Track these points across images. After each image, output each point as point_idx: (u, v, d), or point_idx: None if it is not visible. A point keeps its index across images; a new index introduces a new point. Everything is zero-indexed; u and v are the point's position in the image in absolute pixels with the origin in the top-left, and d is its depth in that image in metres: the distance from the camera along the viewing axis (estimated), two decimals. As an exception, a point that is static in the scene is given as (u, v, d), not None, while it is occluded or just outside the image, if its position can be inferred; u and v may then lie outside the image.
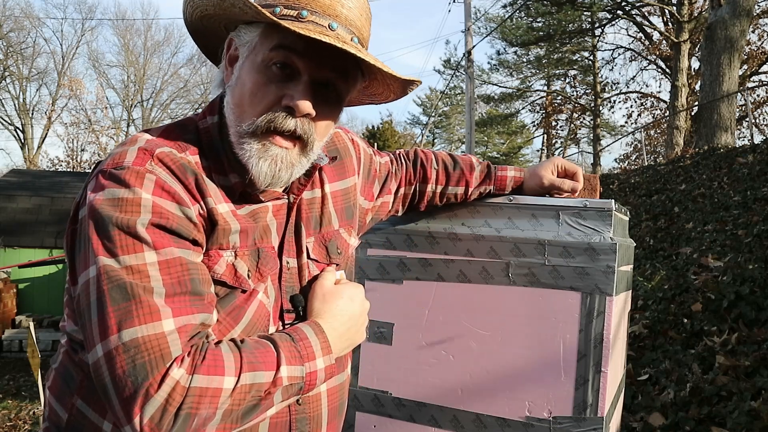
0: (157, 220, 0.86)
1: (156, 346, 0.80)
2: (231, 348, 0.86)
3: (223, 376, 0.82)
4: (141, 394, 0.78)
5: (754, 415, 2.81)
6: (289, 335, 0.93)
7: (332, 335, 0.98)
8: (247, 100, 0.95)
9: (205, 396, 0.80)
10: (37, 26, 31.10)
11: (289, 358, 0.89)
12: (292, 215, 1.06)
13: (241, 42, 0.98)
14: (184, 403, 0.79)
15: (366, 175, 1.29)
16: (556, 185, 1.47)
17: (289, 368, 0.89)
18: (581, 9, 21.16)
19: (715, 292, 4.21)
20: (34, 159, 29.35)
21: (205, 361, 0.82)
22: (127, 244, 0.84)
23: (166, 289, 0.84)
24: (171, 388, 0.79)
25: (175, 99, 32.20)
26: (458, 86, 29.08)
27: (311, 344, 0.93)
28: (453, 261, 1.46)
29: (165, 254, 0.86)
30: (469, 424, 1.42)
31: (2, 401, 7.10)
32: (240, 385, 0.83)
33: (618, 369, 1.58)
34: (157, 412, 0.78)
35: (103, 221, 0.85)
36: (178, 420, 0.79)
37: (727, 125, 11.97)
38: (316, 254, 1.10)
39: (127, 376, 0.79)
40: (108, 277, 0.83)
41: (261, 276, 1.00)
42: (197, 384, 0.80)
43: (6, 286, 10.88)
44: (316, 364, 0.93)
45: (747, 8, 11.87)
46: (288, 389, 0.89)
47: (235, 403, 0.83)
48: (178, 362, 0.81)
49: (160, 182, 0.89)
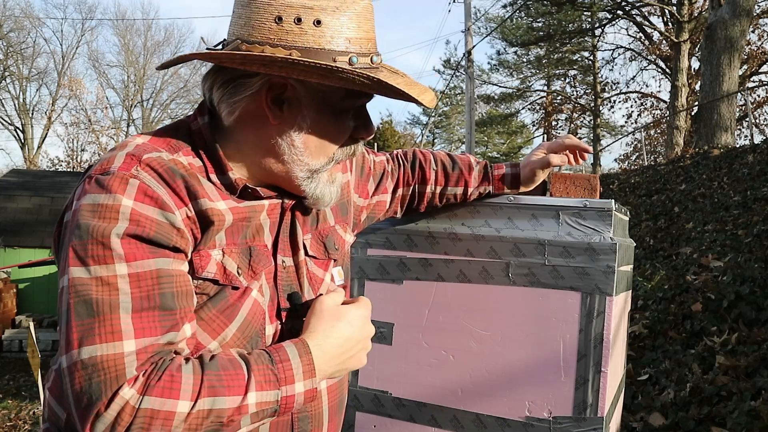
0: (133, 230, 0.85)
1: (112, 366, 0.80)
2: (194, 369, 0.84)
3: (177, 399, 0.80)
4: (93, 412, 0.79)
5: (754, 415, 2.81)
6: (269, 355, 0.90)
7: (320, 357, 0.94)
8: (328, 143, 1.01)
9: (157, 418, 0.79)
10: (37, 26, 31.16)
11: (261, 383, 0.86)
12: (286, 215, 1.07)
13: (308, 89, 0.97)
14: (134, 424, 0.79)
15: (359, 173, 1.30)
16: (544, 162, 1.45)
17: (259, 394, 0.85)
18: (581, 9, 21.18)
19: (715, 292, 4.21)
20: (34, 159, 29.36)
21: (159, 382, 0.81)
22: (99, 254, 0.84)
23: (133, 304, 0.83)
24: (120, 407, 0.79)
25: (175, 99, 32.21)
26: (458, 86, 29.09)
27: (291, 367, 0.90)
28: (453, 261, 1.46)
29: (137, 267, 0.85)
30: (469, 424, 1.42)
31: (2, 401, 7.11)
32: (196, 411, 0.81)
33: (618, 369, 1.58)
34: (106, 430, 0.79)
35: (80, 228, 0.85)
36: None
37: (727, 125, 11.97)
38: (314, 251, 1.10)
39: (84, 392, 0.80)
40: (75, 290, 0.83)
41: (254, 274, 1.00)
42: (148, 405, 0.79)
43: (6, 286, 10.89)
44: (294, 388, 0.89)
45: (747, 8, 11.87)
46: (257, 415, 0.86)
47: (191, 428, 0.81)
48: (130, 382, 0.80)
49: (143, 187, 0.88)
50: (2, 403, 7.01)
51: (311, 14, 0.92)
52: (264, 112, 0.97)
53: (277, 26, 0.92)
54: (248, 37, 0.93)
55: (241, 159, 1.01)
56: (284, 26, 0.92)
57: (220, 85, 0.98)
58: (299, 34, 0.92)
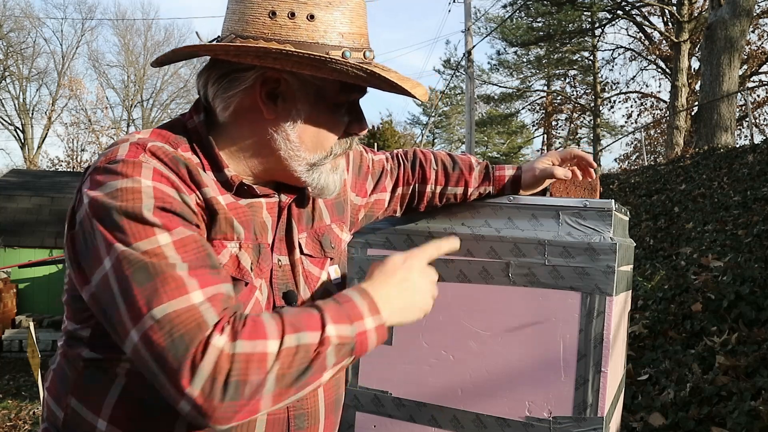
0: (161, 204, 0.87)
1: (190, 317, 0.80)
2: (271, 315, 0.86)
3: (266, 339, 0.81)
4: (186, 367, 0.78)
5: (754, 415, 2.81)
6: (333, 299, 0.92)
7: (380, 296, 0.94)
8: (323, 137, 1.02)
9: (252, 361, 0.79)
10: (37, 26, 31.12)
11: (335, 318, 0.87)
12: (283, 214, 1.07)
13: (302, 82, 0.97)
14: (232, 370, 0.78)
15: (356, 171, 1.30)
16: (548, 173, 1.46)
17: (336, 327, 0.86)
18: (581, 9, 21.18)
19: (715, 292, 4.21)
20: (34, 159, 29.36)
21: (245, 327, 0.82)
22: (138, 230, 0.84)
23: (187, 264, 0.84)
24: (216, 356, 0.78)
25: (175, 99, 32.20)
26: (458, 86, 29.10)
27: (356, 305, 0.91)
28: (453, 261, 1.46)
29: (177, 234, 0.86)
30: (469, 424, 1.42)
31: (2, 401, 7.11)
32: (285, 348, 0.82)
33: (618, 369, 1.58)
34: (207, 382, 0.78)
35: (108, 214, 0.85)
36: (228, 388, 0.78)
37: (727, 125, 11.97)
38: (310, 249, 1.11)
39: (168, 350, 0.79)
40: (128, 262, 0.83)
41: (261, 271, 1.01)
42: (242, 350, 0.79)
43: (6, 286, 10.89)
44: (365, 324, 0.90)
45: (747, 8, 11.87)
46: (339, 349, 0.87)
47: (284, 366, 0.82)
48: (219, 330, 0.80)
49: (157, 170, 0.90)
50: (2, 403, 7.01)
51: (305, 9, 0.93)
52: (258, 107, 0.98)
53: (271, 21, 0.93)
54: (242, 32, 0.94)
55: (238, 155, 1.01)
56: (278, 21, 0.93)
57: (214, 81, 0.98)
58: (293, 28, 0.93)
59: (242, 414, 0.81)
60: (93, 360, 0.96)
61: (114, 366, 0.95)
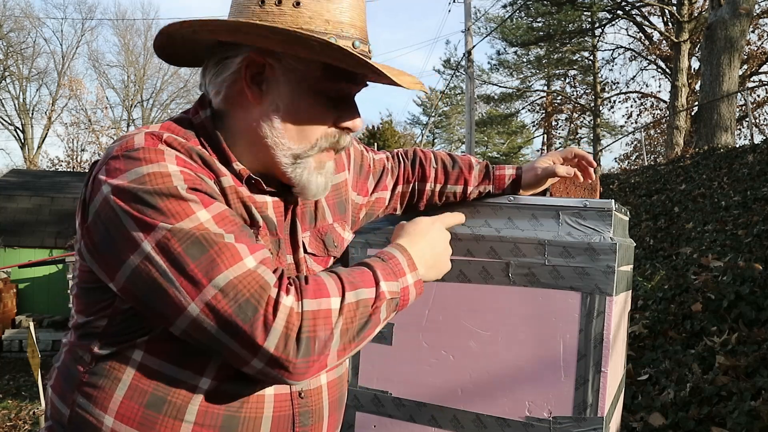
0: (192, 184, 0.89)
1: (252, 281, 0.84)
2: (328, 274, 0.92)
3: (329, 297, 0.87)
4: (259, 327, 0.82)
5: (754, 415, 2.81)
6: (378, 257, 0.99)
7: (415, 254, 1.03)
8: (307, 126, 1.00)
9: (319, 318, 0.85)
10: (37, 26, 31.21)
11: (385, 275, 0.95)
12: (289, 213, 1.08)
13: (286, 67, 0.98)
14: (302, 327, 0.84)
15: (358, 171, 1.30)
16: (549, 171, 1.46)
17: (388, 284, 0.95)
18: (581, 9, 21.18)
19: (715, 292, 4.21)
20: (34, 159, 29.35)
21: (308, 286, 0.87)
22: (177, 210, 0.86)
23: (233, 234, 0.87)
24: (287, 314, 0.83)
25: (175, 99, 32.20)
26: (458, 86, 29.10)
27: (399, 262, 0.99)
28: (453, 261, 1.46)
29: (214, 209, 0.88)
30: (469, 424, 1.42)
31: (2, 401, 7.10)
32: (347, 303, 0.88)
33: (618, 369, 1.58)
34: (281, 340, 0.83)
35: (140, 198, 0.86)
36: (300, 344, 0.83)
37: (727, 125, 11.97)
38: (313, 248, 1.11)
39: (237, 315, 0.82)
40: (178, 238, 0.84)
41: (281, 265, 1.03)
42: (309, 308, 0.85)
43: (6, 286, 10.88)
44: (407, 280, 0.99)
45: (747, 8, 11.87)
46: (390, 304, 0.94)
47: (347, 320, 0.88)
48: (285, 290, 0.85)
49: (179, 157, 0.91)
50: (2, 403, 7.01)
51: None
52: (246, 93, 0.99)
53: (260, 8, 0.95)
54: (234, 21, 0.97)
55: (235, 147, 1.02)
56: (266, 8, 0.95)
57: (209, 68, 1.01)
58: (278, 14, 0.95)
59: (314, 369, 0.86)
60: (104, 355, 0.96)
61: (125, 360, 0.95)
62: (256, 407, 0.98)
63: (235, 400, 0.96)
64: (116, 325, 0.95)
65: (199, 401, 0.94)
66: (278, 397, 1.00)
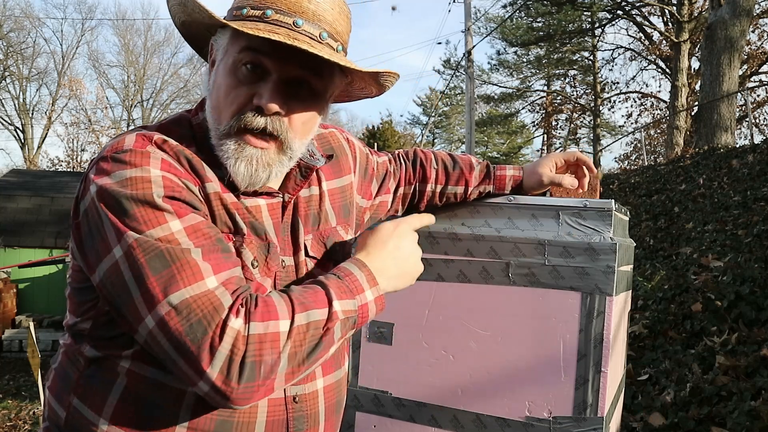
0: (170, 193, 0.88)
1: (206, 302, 0.83)
2: (279, 295, 0.89)
3: (278, 320, 0.85)
4: (205, 350, 0.81)
5: (754, 415, 2.81)
6: (334, 274, 0.96)
7: (377, 268, 0.99)
8: (222, 102, 0.97)
9: (266, 341, 0.83)
10: (37, 26, 31.10)
11: (340, 293, 0.92)
12: (287, 213, 1.07)
13: (217, 46, 1.00)
14: (248, 351, 0.82)
15: (362, 174, 1.30)
16: (555, 181, 1.46)
17: (342, 302, 0.91)
18: (581, 9, 21.17)
19: (715, 292, 4.21)
20: (34, 159, 29.35)
21: (257, 308, 0.85)
22: (150, 218, 0.86)
23: (201, 249, 0.86)
24: (233, 338, 0.81)
25: (175, 99, 32.20)
26: (458, 86, 29.10)
27: (357, 278, 0.96)
28: (453, 261, 1.46)
29: (188, 220, 0.88)
30: (469, 424, 1.42)
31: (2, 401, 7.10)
32: (296, 326, 0.86)
33: (618, 369, 1.58)
34: (225, 364, 0.81)
35: (118, 202, 0.86)
36: (245, 369, 0.82)
37: (727, 125, 11.96)
38: (315, 251, 1.10)
39: (186, 335, 0.81)
40: (142, 249, 0.84)
41: (268, 271, 1.01)
42: (255, 331, 0.83)
43: (6, 286, 10.88)
44: (366, 296, 0.95)
45: (747, 8, 11.87)
46: (345, 323, 0.92)
47: (296, 343, 0.85)
48: (234, 313, 0.83)
49: (165, 160, 0.91)
50: (2, 403, 7.01)
51: None
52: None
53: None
54: None
55: None
56: None
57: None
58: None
59: (259, 394, 0.84)
60: (95, 359, 0.96)
61: (115, 365, 0.95)
62: (249, 411, 0.98)
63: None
64: (100, 327, 0.95)
65: (191, 406, 0.94)
66: (272, 401, 1.00)
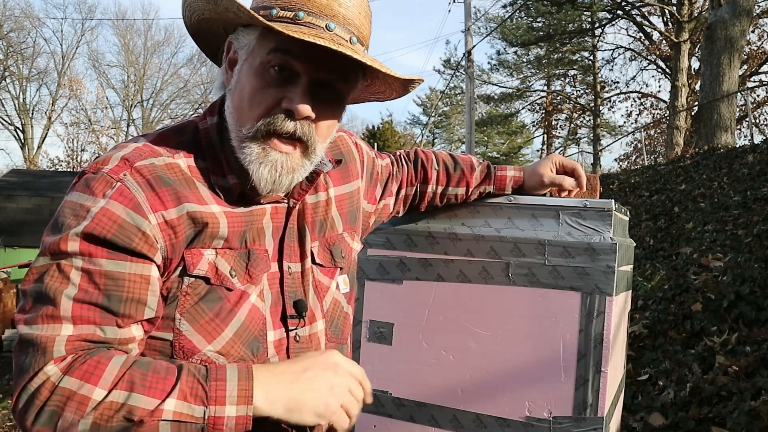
0: (91, 228, 0.86)
1: (43, 344, 0.83)
2: (124, 363, 0.83)
3: (95, 386, 0.80)
4: (20, 385, 0.82)
5: (754, 415, 2.81)
6: (207, 372, 0.85)
7: (265, 386, 0.86)
8: (246, 104, 0.95)
9: (72, 400, 0.80)
10: (37, 26, 31.17)
11: (186, 394, 0.82)
12: (291, 219, 1.05)
13: (239, 45, 0.98)
14: (50, 400, 0.80)
15: (369, 179, 1.29)
16: (556, 182, 1.47)
17: (179, 403, 0.81)
18: (581, 9, 21.17)
19: (715, 292, 4.21)
20: (34, 159, 29.36)
21: (83, 366, 0.81)
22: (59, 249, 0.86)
23: (77, 294, 0.85)
24: (42, 382, 0.81)
25: (175, 99, 32.23)
26: (458, 86, 29.08)
27: (225, 388, 0.84)
28: (453, 261, 1.46)
29: (90, 263, 0.86)
30: (469, 424, 1.42)
31: (2, 401, 7.10)
32: (109, 401, 0.79)
33: (618, 369, 1.58)
34: (27, 403, 0.81)
35: (56, 223, 0.89)
36: (41, 415, 0.80)
37: (727, 125, 11.96)
38: (321, 258, 1.09)
39: (18, 366, 0.84)
40: (33, 276, 0.87)
41: (250, 278, 0.98)
42: (66, 385, 0.80)
43: (6, 286, 10.86)
44: (224, 410, 0.83)
45: (747, 8, 11.87)
46: (178, 425, 0.81)
47: (102, 417, 0.79)
48: (58, 361, 0.82)
49: (122, 189, 0.89)
50: (2, 403, 7.01)
51: None
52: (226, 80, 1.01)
53: None
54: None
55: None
56: None
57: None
58: None
59: None
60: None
61: None
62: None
63: None
64: None
65: None
66: None
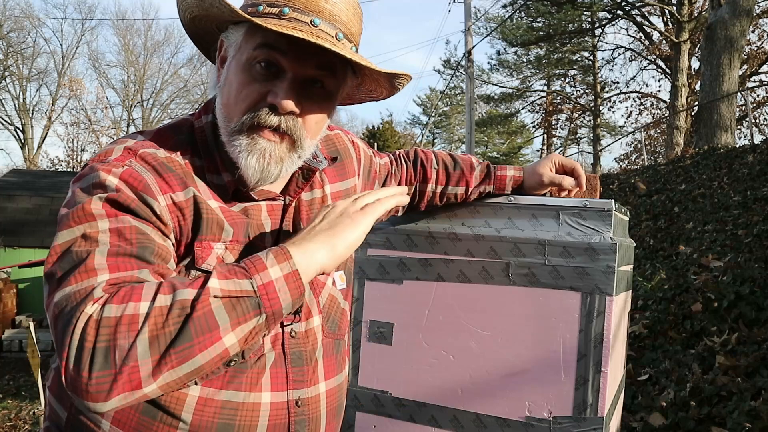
0: (114, 197, 0.88)
1: (80, 295, 0.78)
2: (157, 281, 0.81)
3: (138, 302, 0.76)
4: (66, 341, 0.76)
5: (754, 415, 2.81)
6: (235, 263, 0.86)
7: (297, 244, 0.88)
8: (233, 99, 0.96)
9: (121, 324, 0.75)
10: (37, 26, 31.16)
11: (224, 274, 0.81)
12: (287, 216, 1.06)
13: (229, 43, 1.00)
14: (99, 336, 0.74)
15: (366, 177, 1.29)
16: (556, 182, 1.47)
17: (222, 281, 0.79)
18: (581, 9, 21.16)
19: (715, 292, 4.21)
20: (34, 159, 29.36)
21: (119, 293, 0.78)
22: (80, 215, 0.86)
23: (110, 249, 0.83)
24: (84, 323, 0.75)
25: (175, 99, 32.22)
26: (458, 86, 29.08)
27: (260, 258, 0.84)
28: (453, 261, 1.46)
29: (118, 222, 0.86)
30: (469, 424, 1.42)
31: (2, 401, 7.10)
32: (157, 307, 0.76)
33: (618, 369, 1.58)
34: (76, 352, 0.74)
35: (70, 201, 0.90)
36: (95, 360, 0.74)
37: (727, 125, 11.96)
38: None
39: (57, 327, 0.78)
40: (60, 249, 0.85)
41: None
42: (109, 314, 0.75)
43: (6, 286, 10.88)
44: (269, 274, 0.82)
45: (747, 8, 11.87)
46: (232, 304, 0.79)
47: (156, 326, 0.75)
48: (94, 301, 0.77)
49: (130, 171, 0.91)
50: (2, 403, 7.01)
51: None
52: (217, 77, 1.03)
53: None
54: None
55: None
56: None
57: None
58: None
59: (119, 386, 0.74)
60: None
61: None
62: (251, 415, 0.97)
63: (229, 407, 0.96)
64: None
65: (192, 409, 0.93)
66: (274, 405, 1.00)
